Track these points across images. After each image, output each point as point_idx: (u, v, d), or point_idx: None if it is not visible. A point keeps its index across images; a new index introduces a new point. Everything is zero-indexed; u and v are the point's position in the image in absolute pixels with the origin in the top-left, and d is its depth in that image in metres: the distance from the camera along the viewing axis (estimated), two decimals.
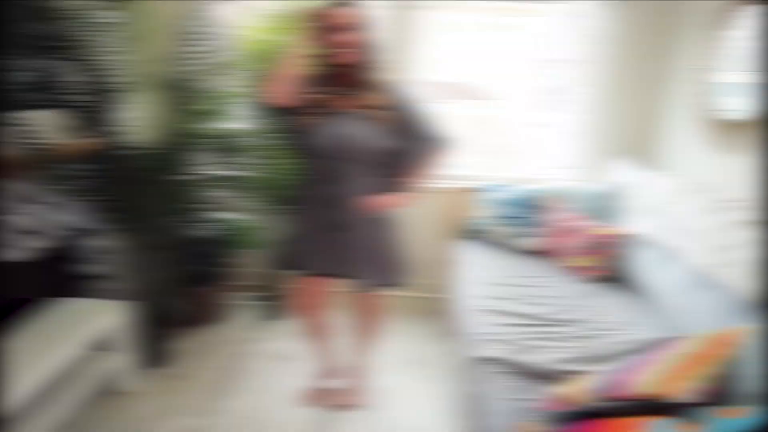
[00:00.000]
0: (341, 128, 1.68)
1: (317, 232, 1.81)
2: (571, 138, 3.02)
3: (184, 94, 2.05)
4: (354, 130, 1.67)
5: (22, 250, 1.89)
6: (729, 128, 2.00)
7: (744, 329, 1.29)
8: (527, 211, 2.58)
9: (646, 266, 2.07)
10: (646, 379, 1.18)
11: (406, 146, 1.75)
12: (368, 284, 1.83)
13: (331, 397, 2.15)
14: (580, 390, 1.32)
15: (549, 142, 3.24)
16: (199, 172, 2.30)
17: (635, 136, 2.76)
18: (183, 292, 2.74)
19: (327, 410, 2.09)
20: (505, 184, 2.76)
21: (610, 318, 1.93)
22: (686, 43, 2.38)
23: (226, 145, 2.52)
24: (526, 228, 2.56)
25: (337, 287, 1.97)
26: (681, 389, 1.10)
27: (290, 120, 1.73)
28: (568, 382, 1.41)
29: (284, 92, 1.63)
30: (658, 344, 1.66)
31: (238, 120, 2.58)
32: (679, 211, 1.89)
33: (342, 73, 1.72)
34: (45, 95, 1.88)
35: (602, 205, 2.54)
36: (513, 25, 3.11)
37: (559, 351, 1.69)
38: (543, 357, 1.65)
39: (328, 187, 1.73)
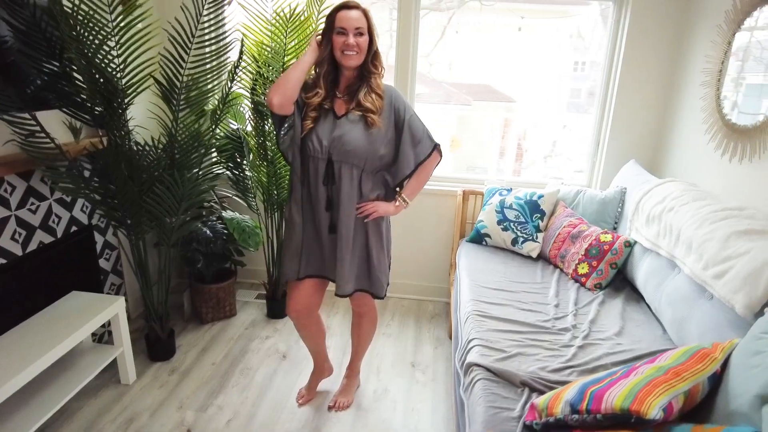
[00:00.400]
0: (336, 130, 1.69)
1: (309, 234, 1.82)
2: (582, 141, 2.97)
3: (189, 95, 2.10)
4: (348, 133, 1.67)
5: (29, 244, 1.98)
6: (741, 133, 1.92)
7: (728, 343, 1.25)
8: (531, 215, 2.54)
9: (647, 275, 2.01)
10: (621, 393, 1.14)
11: (399, 153, 1.75)
12: (355, 288, 1.84)
13: (326, 397, 2.18)
14: (557, 401, 1.29)
15: (562, 144, 3.19)
16: (205, 171, 2.36)
17: (646, 140, 2.68)
18: (188, 289, 2.81)
19: (321, 410, 2.11)
20: (510, 187, 2.73)
21: (604, 327, 1.88)
22: (700, 44, 2.29)
23: (231, 146, 2.57)
24: (529, 232, 2.52)
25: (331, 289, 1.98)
26: (654, 406, 1.07)
27: (288, 123, 1.75)
28: (548, 393, 1.38)
29: (286, 102, 1.66)
30: (645, 357, 1.63)
31: (242, 121, 2.63)
32: (682, 218, 1.82)
33: (343, 75, 1.73)
34: (53, 95, 1.95)
35: (607, 211, 2.47)
36: (533, 27, 3.08)
37: (546, 359, 1.66)
38: (528, 365, 1.62)
39: (320, 188, 1.74)
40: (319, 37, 1.70)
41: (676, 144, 2.47)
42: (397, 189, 1.82)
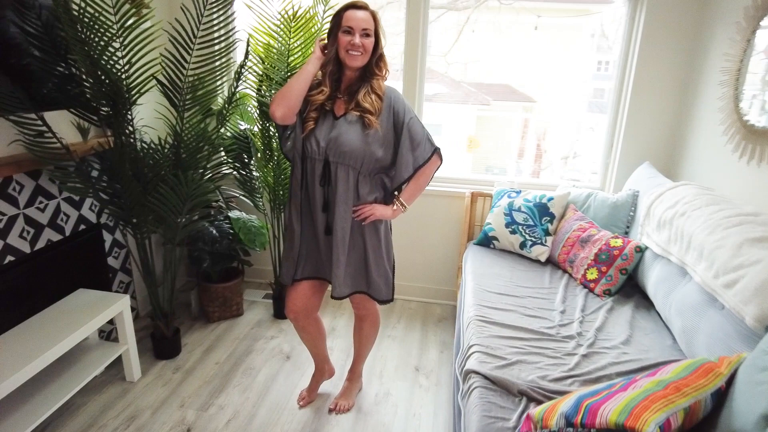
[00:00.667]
0: (333, 131, 1.67)
1: (307, 236, 1.81)
2: (596, 143, 2.89)
3: (195, 95, 2.11)
4: (344, 134, 1.65)
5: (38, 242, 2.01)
6: (760, 134, 1.83)
7: (736, 358, 1.18)
8: (540, 218, 2.48)
9: (657, 281, 1.94)
10: (617, 408, 1.09)
11: (398, 156, 1.71)
12: (352, 291, 1.81)
13: (327, 399, 2.16)
14: (553, 413, 1.24)
15: (581, 145, 3.12)
16: (212, 171, 2.37)
17: (660, 142, 2.59)
18: (195, 287, 2.83)
19: (321, 413, 2.10)
20: (519, 189, 2.67)
21: (611, 335, 1.82)
22: (718, 42, 2.20)
23: (237, 146, 2.58)
24: (538, 236, 2.46)
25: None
26: (650, 423, 1.02)
27: (291, 127, 1.75)
28: (544, 403, 1.34)
29: (289, 113, 1.66)
30: (652, 367, 1.56)
31: (250, 121, 2.63)
32: (694, 224, 1.75)
33: (345, 74, 1.70)
34: (62, 96, 1.98)
35: (618, 215, 2.40)
36: (552, 25, 3.02)
37: (547, 368, 1.61)
38: (528, 374, 1.57)
39: (317, 189, 1.72)
40: (323, 41, 1.68)
41: (691, 146, 2.38)
42: (396, 193, 1.79)
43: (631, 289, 2.17)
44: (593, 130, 3.10)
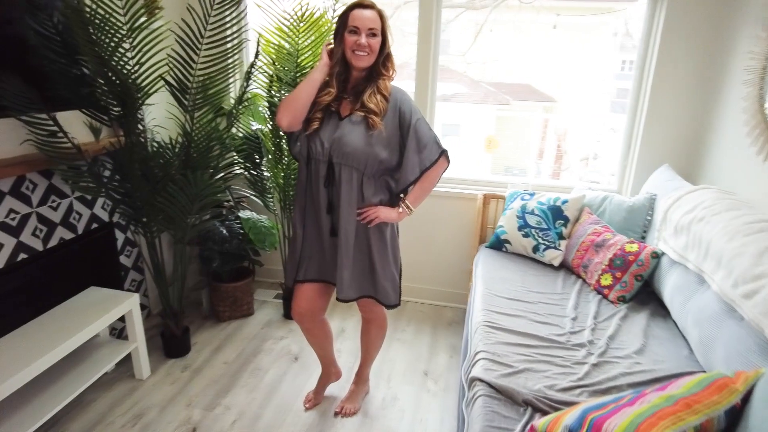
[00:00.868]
0: (337, 131, 1.65)
1: (312, 237, 1.79)
2: (615, 144, 2.80)
3: (206, 94, 2.12)
4: (348, 134, 1.63)
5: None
6: None
7: (753, 373, 1.12)
8: (553, 221, 2.41)
9: (673, 289, 1.86)
10: (622, 424, 1.04)
11: (404, 158, 1.68)
12: (358, 294, 1.79)
13: (333, 402, 2.15)
14: (557, 425, 1.20)
15: (603, 146, 3.05)
16: (223, 171, 2.38)
17: (680, 144, 2.50)
18: (207, 287, 2.85)
19: (327, 416, 2.08)
20: (533, 191, 2.61)
21: (624, 344, 1.75)
22: (742, 40, 2.11)
23: (247, 146, 2.58)
24: (551, 240, 2.39)
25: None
26: None
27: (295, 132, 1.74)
28: (550, 414, 1.29)
29: (296, 122, 1.66)
30: (666, 379, 1.50)
31: (262, 121, 2.63)
32: (713, 230, 1.67)
33: (351, 75, 1.68)
34: (73, 96, 2.01)
35: (635, 219, 2.32)
36: (573, 24, 2.95)
37: (555, 377, 1.56)
38: (535, 383, 1.52)
39: (321, 191, 1.70)
40: (330, 46, 1.66)
41: (713, 148, 2.29)
42: (402, 195, 1.76)
43: (647, 296, 2.09)
44: (614, 131, 3.01)
